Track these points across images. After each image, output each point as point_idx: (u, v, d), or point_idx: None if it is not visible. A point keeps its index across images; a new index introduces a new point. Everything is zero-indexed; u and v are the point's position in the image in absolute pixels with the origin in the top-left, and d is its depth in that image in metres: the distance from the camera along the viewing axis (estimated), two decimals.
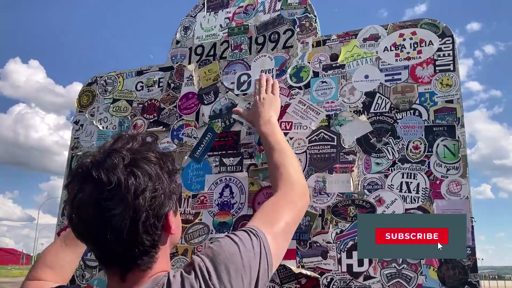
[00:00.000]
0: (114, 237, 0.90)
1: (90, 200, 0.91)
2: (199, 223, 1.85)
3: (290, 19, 1.95)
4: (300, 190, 1.43)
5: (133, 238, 0.91)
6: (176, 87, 2.11)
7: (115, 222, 0.89)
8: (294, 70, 1.87)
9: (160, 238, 0.98)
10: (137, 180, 0.91)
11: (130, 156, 0.94)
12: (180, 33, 2.19)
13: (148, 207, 0.91)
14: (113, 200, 0.89)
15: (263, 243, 1.09)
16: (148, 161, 0.95)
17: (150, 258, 0.96)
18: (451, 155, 1.54)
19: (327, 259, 1.60)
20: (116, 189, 0.89)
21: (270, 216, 1.24)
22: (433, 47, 1.66)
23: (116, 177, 0.90)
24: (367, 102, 1.70)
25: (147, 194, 0.91)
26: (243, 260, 1.02)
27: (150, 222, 0.92)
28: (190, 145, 1.98)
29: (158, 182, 0.94)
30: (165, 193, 0.96)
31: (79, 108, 2.33)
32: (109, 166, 0.91)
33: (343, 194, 1.64)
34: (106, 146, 0.98)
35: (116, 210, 0.89)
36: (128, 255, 0.94)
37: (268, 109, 1.73)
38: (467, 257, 1.43)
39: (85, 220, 0.93)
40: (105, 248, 0.95)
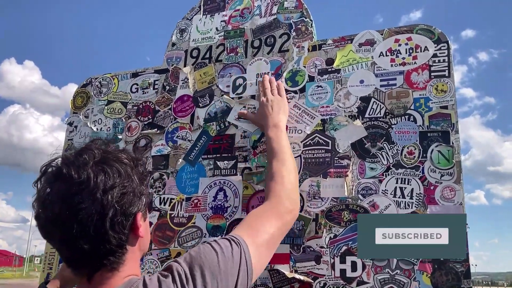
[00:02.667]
0: (81, 232, 0.90)
1: (59, 196, 0.91)
2: (193, 226, 1.84)
3: (286, 23, 1.95)
4: (289, 205, 1.44)
5: (99, 234, 0.91)
6: (171, 90, 2.10)
7: (82, 216, 0.89)
8: (290, 74, 1.87)
9: (128, 239, 0.97)
10: (106, 177, 0.92)
11: (101, 155, 0.95)
12: (176, 35, 2.18)
13: (116, 204, 0.92)
14: (81, 194, 0.90)
15: (244, 252, 1.11)
16: (119, 161, 0.97)
17: (116, 259, 0.96)
18: (445, 161, 1.54)
19: (320, 264, 1.60)
20: (85, 184, 0.90)
21: (255, 227, 1.25)
22: (428, 52, 1.67)
23: (86, 173, 0.91)
24: (362, 107, 1.70)
25: (116, 191, 0.92)
26: (220, 267, 1.03)
27: (117, 219, 0.92)
28: (184, 148, 1.98)
29: (127, 181, 0.95)
30: (134, 192, 0.97)
31: (73, 109, 2.32)
32: (80, 163, 0.93)
33: (337, 199, 1.64)
34: (80, 147, 0.99)
35: (84, 204, 0.89)
36: (94, 253, 0.93)
37: (277, 112, 1.72)
38: (460, 263, 1.43)
39: (52, 216, 0.93)
40: (71, 246, 0.94)
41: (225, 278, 1.03)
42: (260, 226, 1.26)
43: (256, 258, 1.14)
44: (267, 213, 1.34)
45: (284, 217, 1.37)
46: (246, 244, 1.13)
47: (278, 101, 1.76)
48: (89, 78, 2.34)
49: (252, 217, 1.32)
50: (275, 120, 1.70)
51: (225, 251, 1.07)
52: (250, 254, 1.12)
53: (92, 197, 0.90)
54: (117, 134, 2.14)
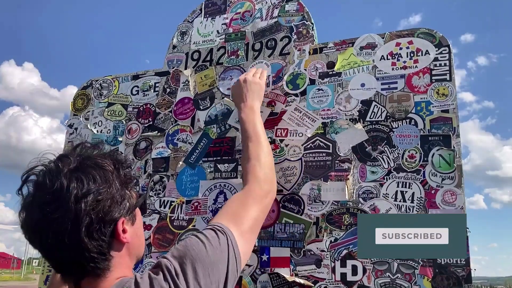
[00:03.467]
0: (57, 241, 0.90)
1: (36, 204, 0.91)
2: (193, 229, 1.83)
3: (287, 26, 1.95)
4: (268, 187, 1.47)
5: (76, 242, 0.90)
6: (172, 92, 2.10)
7: (56, 225, 0.89)
8: (291, 77, 1.87)
9: (111, 246, 0.96)
10: (79, 184, 0.91)
11: (78, 161, 0.95)
12: (176, 38, 2.18)
13: (91, 211, 0.90)
14: (54, 203, 0.89)
15: (230, 240, 1.11)
16: (97, 167, 0.95)
17: (99, 265, 0.94)
18: (446, 164, 1.54)
19: (321, 268, 1.59)
20: (58, 193, 0.90)
21: (237, 213, 1.26)
22: (429, 56, 1.67)
23: (59, 182, 0.90)
24: (363, 110, 1.70)
25: (90, 198, 0.91)
26: (210, 258, 1.03)
27: (95, 227, 0.91)
28: (185, 151, 1.97)
29: (103, 187, 0.93)
30: (113, 198, 0.95)
31: (73, 111, 2.32)
32: (54, 171, 0.92)
33: (338, 202, 1.63)
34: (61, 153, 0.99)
35: (57, 213, 0.89)
36: (75, 261, 0.93)
37: (252, 95, 1.72)
38: (461, 267, 1.42)
39: (31, 224, 0.93)
40: (51, 253, 0.94)
41: (216, 268, 1.03)
42: (243, 212, 1.27)
43: (242, 245, 1.15)
44: (248, 198, 1.36)
45: (263, 200, 1.40)
46: (231, 232, 1.14)
47: (255, 84, 1.75)
48: (90, 80, 2.34)
49: (234, 203, 1.33)
50: (250, 102, 1.70)
51: (212, 242, 1.07)
52: (236, 242, 1.13)
53: (65, 206, 0.89)
54: (117, 136, 2.14)
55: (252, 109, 1.69)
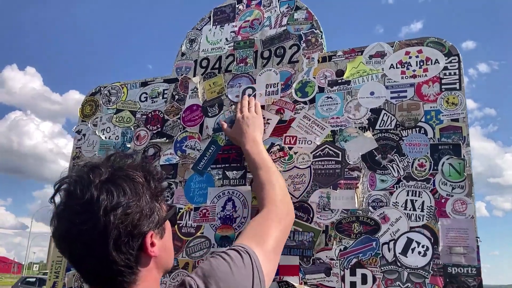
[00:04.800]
0: (84, 252, 0.90)
1: (67, 214, 0.92)
2: (201, 236, 1.83)
3: (296, 34, 1.96)
4: (285, 208, 1.49)
5: (104, 255, 0.90)
6: (180, 99, 2.11)
7: (85, 237, 0.89)
8: (300, 85, 1.87)
9: (139, 259, 0.95)
10: (109, 197, 0.90)
11: (110, 172, 0.94)
12: (185, 45, 2.19)
13: (120, 224, 0.89)
14: (83, 214, 0.89)
15: (254, 261, 1.11)
16: (129, 179, 0.95)
17: (126, 279, 0.93)
18: (456, 173, 1.54)
19: (330, 276, 1.59)
20: (88, 205, 0.89)
21: (259, 234, 1.25)
22: (439, 65, 1.67)
23: (89, 193, 0.90)
24: (373, 118, 1.70)
25: (119, 211, 0.90)
26: (235, 278, 1.02)
27: (123, 240, 0.90)
28: (193, 158, 1.97)
29: (133, 200, 0.93)
30: (142, 212, 0.94)
31: (81, 117, 2.32)
32: (86, 182, 0.92)
33: (348, 211, 1.63)
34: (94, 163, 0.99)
35: (87, 225, 0.88)
36: (103, 273, 0.93)
37: (252, 129, 1.75)
38: (472, 277, 1.42)
39: (62, 234, 0.94)
40: (79, 264, 0.95)
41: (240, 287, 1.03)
42: (264, 233, 1.27)
43: (266, 265, 1.15)
44: (267, 219, 1.37)
45: (283, 220, 1.42)
46: (254, 252, 1.14)
47: (254, 118, 1.78)
48: (98, 87, 2.34)
49: (254, 224, 1.33)
50: (251, 136, 1.72)
51: (236, 262, 1.07)
52: (260, 262, 1.12)
53: (95, 218, 0.88)
54: (125, 143, 2.14)
55: (255, 140, 1.71)
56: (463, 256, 1.45)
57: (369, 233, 1.58)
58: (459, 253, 1.46)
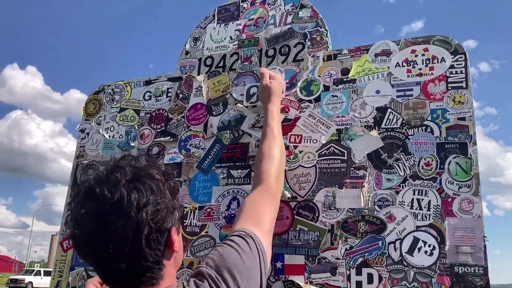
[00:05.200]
0: (117, 251, 0.90)
1: (93, 216, 0.91)
2: (205, 235, 1.83)
3: (301, 32, 1.95)
4: (278, 188, 1.54)
5: (136, 252, 0.92)
6: (184, 98, 2.10)
7: (117, 235, 0.89)
8: (305, 84, 1.86)
9: (164, 255, 0.98)
10: (139, 195, 0.92)
11: (132, 172, 0.95)
12: (189, 43, 2.18)
13: (151, 221, 0.92)
14: (116, 214, 0.90)
15: (258, 244, 1.16)
16: (151, 177, 0.97)
17: (154, 275, 0.96)
18: (463, 172, 1.53)
19: (336, 276, 1.58)
20: (119, 204, 0.90)
21: (256, 216, 1.31)
22: (445, 64, 1.66)
23: (119, 192, 0.91)
24: (378, 117, 1.70)
25: (150, 208, 0.92)
26: (245, 264, 1.06)
27: (153, 236, 0.93)
28: (197, 156, 1.97)
29: (160, 197, 0.95)
30: (168, 208, 0.97)
31: (85, 116, 2.32)
32: (112, 182, 0.93)
33: (353, 210, 1.62)
34: (110, 164, 1.00)
35: (119, 223, 0.89)
36: (132, 271, 0.94)
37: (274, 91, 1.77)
38: (479, 276, 1.41)
39: (88, 236, 0.93)
40: (108, 264, 0.94)
41: (252, 273, 1.07)
42: (261, 215, 1.33)
43: (266, 245, 1.21)
44: (262, 200, 1.42)
45: (275, 201, 1.48)
46: (256, 235, 1.19)
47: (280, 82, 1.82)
48: (102, 85, 2.34)
49: (250, 206, 1.37)
50: (276, 99, 1.76)
51: (243, 248, 1.11)
52: (262, 244, 1.18)
53: (127, 216, 0.90)
54: (129, 141, 2.14)
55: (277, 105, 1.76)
56: (470, 256, 1.44)
57: (375, 232, 1.57)
58: (466, 253, 1.45)
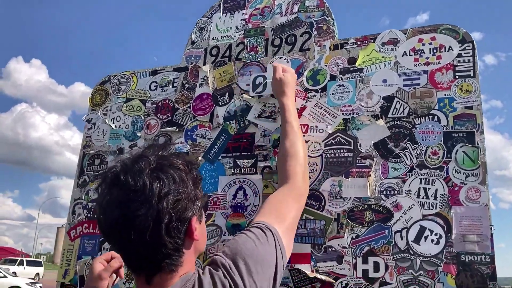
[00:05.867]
0: (138, 238, 0.92)
1: (117, 202, 0.94)
2: (212, 224, 1.83)
3: (307, 21, 1.94)
4: (305, 186, 1.53)
5: (156, 239, 0.93)
6: (190, 88, 2.10)
7: (138, 222, 0.92)
8: (311, 73, 1.86)
9: (184, 243, 0.99)
10: (161, 184, 0.94)
11: (156, 162, 0.97)
12: (195, 33, 2.18)
13: (171, 210, 0.93)
14: (138, 201, 0.92)
15: (276, 237, 1.16)
16: (174, 167, 0.98)
17: (173, 262, 0.98)
18: (470, 161, 1.53)
19: (342, 264, 1.59)
20: (141, 192, 0.93)
21: (279, 211, 1.31)
22: (453, 52, 1.65)
23: (142, 181, 0.93)
24: (385, 106, 1.69)
25: (171, 198, 0.94)
26: (260, 254, 1.08)
27: (173, 225, 0.94)
28: (203, 146, 1.97)
29: (182, 187, 0.97)
30: (189, 198, 0.98)
31: (91, 106, 2.32)
32: (136, 170, 0.95)
33: (360, 199, 1.63)
34: (137, 153, 1.02)
35: (140, 211, 0.92)
36: (152, 257, 0.96)
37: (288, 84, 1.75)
38: (486, 265, 1.41)
39: (111, 221, 0.96)
40: (129, 250, 0.98)
41: (266, 264, 1.08)
42: (284, 211, 1.33)
43: (286, 241, 1.21)
44: (287, 197, 1.41)
45: (301, 200, 1.47)
46: (276, 229, 1.19)
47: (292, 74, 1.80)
48: (108, 76, 2.34)
49: (274, 201, 1.38)
50: (290, 92, 1.74)
51: (260, 239, 1.12)
52: (281, 239, 1.18)
53: (148, 205, 0.92)
54: (136, 131, 2.14)
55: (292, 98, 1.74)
56: (477, 244, 1.44)
57: (381, 221, 1.58)
58: (472, 241, 1.45)
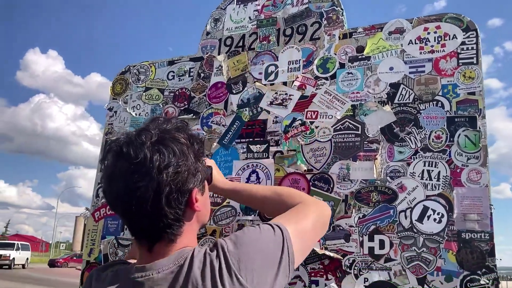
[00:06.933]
0: (139, 208, 0.98)
1: (120, 174, 0.99)
2: (227, 205, 1.94)
3: (317, 12, 2.02)
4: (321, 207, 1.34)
5: (156, 210, 0.98)
6: (206, 77, 2.20)
7: (139, 193, 0.97)
8: (321, 61, 1.94)
9: (185, 213, 1.04)
10: (161, 157, 0.98)
11: (158, 135, 1.01)
12: (210, 24, 2.28)
13: (171, 182, 0.98)
14: (138, 173, 0.97)
15: (285, 237, 1.11)
16: (175, 140, 1.02)
17: (174, 231, 1.03)
18: (471, 145, 1.60)
19: (349, 242, 1.68)
20: (142, 164, 0.97)
21: (295, 216, 1.24)
22: (457, 40, 1.72)
23: (143, 153, 0.97)
24: (392, 93, 1.77)
25: (170, 170, 0.98)
26: (264, 247, 1.06)
27: (173, 196, 0.99)
28: (219, 132, 2.08)
29: (182, 160, 1.01)
30: (189, 170, 1.02)
31: (112, 95, 2.44)
32: (138, 143, 0.99)
33: (366, 181, 1.72)
34: (141, 126, 1.07)
35: (141, 183, 0.96)
36: (153, 227, 1.01)
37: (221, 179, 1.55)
38: (485, 242, 1.49)
39: (115, 192, 1.01)
40: (132, 220, 1.03)
41: (268, 257, 1.06)
42: (301, 215, 1.24)
43: (297, 244, 1.12)
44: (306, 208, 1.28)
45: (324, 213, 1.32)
46: (286, 229, 1.13)
47: None
48: (127, 66, 2.45)
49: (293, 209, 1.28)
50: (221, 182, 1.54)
51: (268, 233, 1.09)
52: (291, 240, 1.12)
53: (149, 176, 0.96)
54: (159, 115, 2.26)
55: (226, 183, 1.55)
56: (477, 223, 1.52)
57: (386, 201, 1.67)
58: (473, 220, 1.53)
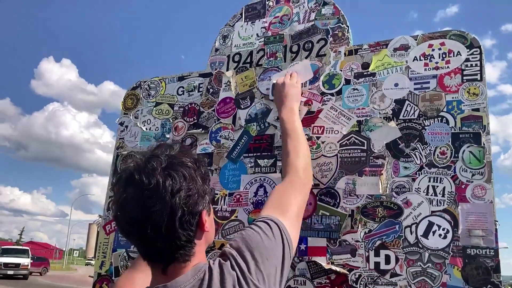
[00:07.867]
0: (154, 232, 1.02)
1: (133, 200, 1.03)
2: (235, 220, 1.98)
3: (323, 29, 2.05)
4: (305, 177, 1.60)
5: (170, 233, 1.03)
6: (214, 92, 2.25)
7: (155, 218, 1.01)
8: (327, 78, 1.97)
9: (196, 234, 1.09)
10: (173, 181, 1.02)
11: (167, 161, 1.06)
12: (219, 41, 2.33)
13: (184, 205, 1.03)
14: (152, 199, 1.01)
15: (282, 230, 1.23)
16: (183, 165, 1.07)
17: (187, 252, 1.07)
18: (476, 161, 1.61)
19: (355, 257, 1.70)
20: (155, 189, 1.01)
21: (282, 203, 1.38)
22: (461, 57, 1.74)
23: (155, 179, 1.02)
24: (397, 109, 1.79)
25: (182, 194, 1.03)
26: (266, 246, 1.15)
27: (185, 219, 1.03)
28: (227, 147, 2.12)
29: (192, 183, 1.06)
30: (199, 193, 1.07)
31: (124, 110, 2.50)
32: (149, 169, 1.04)
33: (372, 196, 1.74)
34: (147, 152, 1.11)
35: (156, 207, 1.01)
36: (167, 249, 1.06)
37: (290, 98, 1.88)
38: (490, 258, 1.50)
39: (129, 218, 1.05)
40: (147, 243, 1.07)
41: (272, 255, 1.15)
42: (287, 202, 1.40)
43: (291, 231, 1.27)
44: (288, 189, 1.48)
45: (303, 190, 1.54)
46: (280, 221, 1.26)
47: (293, 87, 1.91)
48: (138, 82, 2.51)
49: (278, 195, 1.45)
50: (289, 104, 1.85)
51: (266, 232, 1.19)
52: (287, 230, 1.25)
53: (162, 201, 1.01)
54: (165, 133, 2.31)
55: (292, 110, 1.83)
56: (482, 239, 1.53)
57: (392, 217, 1.68)
58: (478, 236, 1.54)
